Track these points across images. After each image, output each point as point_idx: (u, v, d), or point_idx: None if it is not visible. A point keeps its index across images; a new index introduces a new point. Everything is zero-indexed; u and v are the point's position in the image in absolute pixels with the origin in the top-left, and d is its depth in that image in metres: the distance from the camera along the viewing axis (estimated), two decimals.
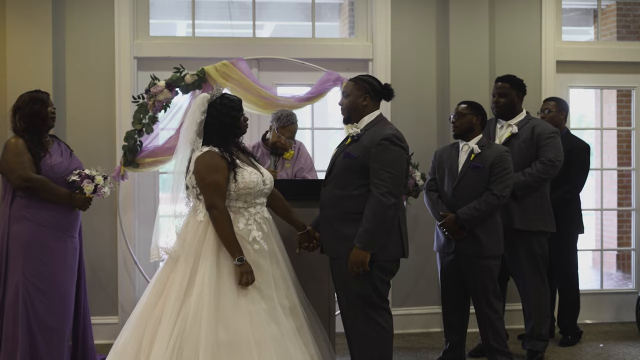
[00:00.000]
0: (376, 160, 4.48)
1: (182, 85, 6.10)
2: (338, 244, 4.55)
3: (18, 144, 5.15)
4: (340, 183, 4.57)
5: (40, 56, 6.33)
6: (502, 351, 5.38)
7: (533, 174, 5.63)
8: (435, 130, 6.91)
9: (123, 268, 6.56)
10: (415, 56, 6.92)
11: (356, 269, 4.42)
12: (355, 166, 4.53)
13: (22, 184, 5.07)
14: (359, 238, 4.41)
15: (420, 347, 6.40)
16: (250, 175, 4.41)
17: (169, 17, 7.54)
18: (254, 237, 4.39)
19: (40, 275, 5.10)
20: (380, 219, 4.42)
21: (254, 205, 4.48)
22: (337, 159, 4.63)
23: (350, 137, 4.62)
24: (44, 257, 5.12)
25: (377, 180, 4.45)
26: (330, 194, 4.61)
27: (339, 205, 4.55)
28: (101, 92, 6.54)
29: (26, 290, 5.07)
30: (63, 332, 5.23)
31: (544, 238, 5.77)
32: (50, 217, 5.16)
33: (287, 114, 5.93)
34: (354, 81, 4.73)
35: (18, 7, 6.30)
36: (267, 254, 4.42)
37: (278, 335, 4.23)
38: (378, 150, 4.48)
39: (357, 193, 4.52)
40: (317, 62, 6.51)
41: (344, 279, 4.56)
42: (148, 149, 6.15)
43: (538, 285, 5.75)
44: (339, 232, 4.55)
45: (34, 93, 5.30)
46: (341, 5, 7.36)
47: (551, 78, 7.06)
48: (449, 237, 5.38)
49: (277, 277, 4.44)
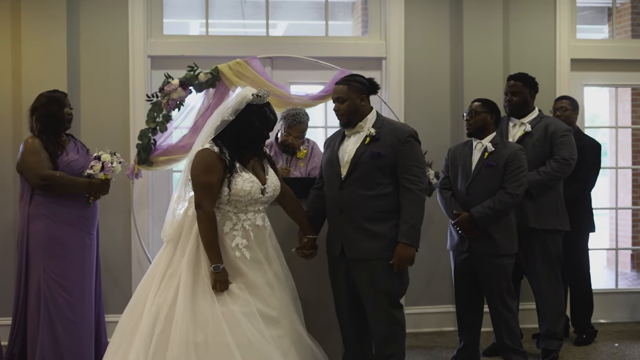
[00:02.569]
0: (407, 157, 4.55)
1: (195, 83, 6.10)
2: (372, 244, 4.54)
3: (34, 143, 5.19)
4: (367, 183, 4.55)
5: (55, 56, 6.36)
6: (517, 350, 5.37)
7: (548, 173, 5.61)
8: (449, 128, 6.89)
9: (137, 266, 6.57)
10: (429, 54, 6.91)
11: (404, 265, 4.50)
12: (383, 165, 4.54)
13: (40, 182, 5.11)
14: (406, 235, 4.47)
15: (434, 346, 6.39)
16: (243, 183, 4.32)
17: (182, 16, 7.55)
18: (237, 243, 4.35)
19: (61, 271, 5.14)
20: (421, 214, 4.54)
21: (244, 212, 4.41)
22: (359, 159, 4.57)
23: (370, 136, 4.59)
24: (63, 254, 5.16)
25: (412, 177, 4.53)
26: (353, 194, 4.56)
27: (366, 205, 4.55)
28: (115, 90, 6.56)
29: (47, 287, 5.11)
30: (84, 327, 5.26)
31: (558, 236, 5.75)
32: (68, 214, 5.19)
33: (294, 113, 5.90)
34: (346, 84, 4.68)
35: (33, 8, 6.32)
36: (248, 262, 4.35)
37: (251, 340, 4.14)
38: (406, 147, 4.55)
39: (385, 192, 4.56)
40: (331, 61, 6.50)
41: (376, 279, 4.56)
42: (162, 147, 6.16)
43: (553, 284, 5.73)
44: (371, 232, 4.54)
45: (52, 93, 5.34)
46: (354, 3, 7.35)
47: (565, 76, 7.03)
48: (462, 236, 5.36)
49: (259, 284, 4.34)
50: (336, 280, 4.77)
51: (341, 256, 4.64)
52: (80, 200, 5.28)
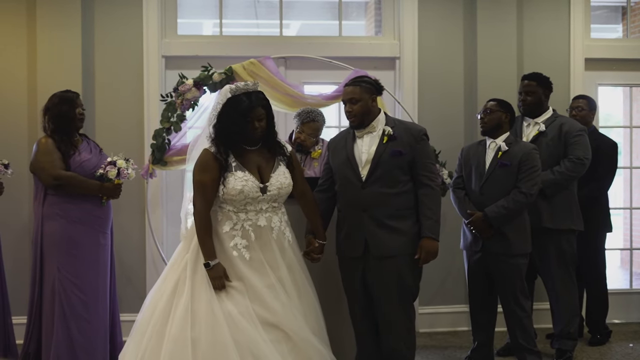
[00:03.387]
0: (423, 155, 4.68)
1: (210, 83, 6.12)
2: (397, 240, 4.61)
3: (47, 143, 5.21)
4: (388, 181, 4.62)
5: (70, 56, 6.39)
6: (531, 350, 5.36)
7: (562, 172, 5.60)
8: (463, 128, 6.89)
9: (151, 266, 6.60)
10: (443, 54, 6.91)
11: (430, 259, 4.61)
12: (403, 163, 4.63)
13: (52, 182, 5.13)
14: (431, 230, 4.59)
15: (448, 346, 6.38)
16: (235, 182, 4.33)
17: (196, 16, 7.57)
18: (235, 243, 4.36)
19: (75, 270, 5.17)
20: (439, 210, 4.69)
21: (244, 212, 4.41)
22: (380, 159, 4.61)
23: (388, 135, 4.64)
24: (77, 253, 5.18)
25: (429, 174, 4.68)
26: (375, 193, 4.62)
27: (388, 203, 4.62)
28: (130, 90, 6.59)
29: (61, 286, 5.13)
30: (98, 326, 5.28)
31: (572, 236, 5.74)
32: (82, 213, 5.22)
33: (308, 111, 5.90)
34: (358, 85, 4.71)
35: (48, 9, 6.36)
36: (248, 263, 4.34)
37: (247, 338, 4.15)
38: (422, 145, 4.68)
39: (404, 189, 4.65)
40: (344, 61, 6.50)
41: (402, 275, 4.64)
42: (176, 147, 6.18)
43: (567, 284, 5.72)
44: (395, 229, 4.61)
45: (64, 93, 5.36)
46: (367, 3, 7.35)
47: (580, 76, 7.02)
48: (476, 236, 5.36)
49: (258, 286, 4.30)
50: (352, 281, 4.77)
51: (361, 256, 4.66)
52: (94, 199, 5.30)
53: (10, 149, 6.22)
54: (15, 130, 6.40)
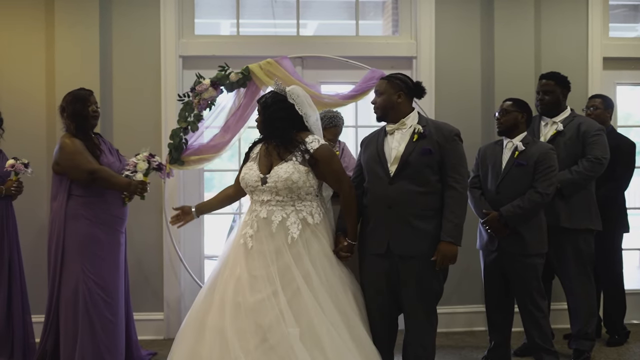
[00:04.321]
0: (454, 156, 4.66)
1: (227, 83, 6.14)
2: (421, 241, 4.61)
3: (76, 142, 5.24)
4: (418, 180, 4.62)
5: (88, 56, 6.43)
6: (548, 350, 5.35)
7: (580, 172, 5.58)
8: (480, 128, 6.87)
9: (169, 265, 6.62)
10: (460, 54, 6.89)
11: (447, 263, 4.58)
12: (432, 162, 4.62)
13: (88, 177, 5.18)
14: (450, 233, 4.56)
15: (465, 346, 6.38)
16: (243, 172, 4.75)
17: (213, 16, 7.58)
18: (245, 232, 4.60)
19: (99, 271, 5.22)
20: (464, 214, 4.65)
21: (253, 202, 4.67)
22: (410, 156, 4.62)
23: (418, 133, 4.65)
24: (100, 253, 5.23)
25: (458, 176, 4.64)
26: (403, 190, 4.61)
27: (415, 202, 4.61)
28: (147, 90, 6.62)
29: (86, 287, 5.16)
30: (119, 325, 5.33)
31: (590, 236, 5.72)
32: (104, 214, 5.27)
33: (331, 116, 5.91)
34: (387, 79, 4.80)
35: (66, 9, 6.40)
36: (247, 251, 4.53)
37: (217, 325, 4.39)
38: (452, 146, 4.67)
39: (433, 190, 4.64)
40: (361, 60, 6.50)
41: (423, 277, 4.64)
42: (193, 146, 6.19)
43: (584, 284, 5.70)
44: (420, 230, 4.61)
45: (77, 91, 5.39)
46: (384, 3, 7.34)
47: (598, 75, 6.99)
48: (492, 235, 5.35)
49: (257, 275, 4.44)
50: (374, 279, 4.75)
51: (385, 254, 4.66)
52: (117, 201, 5.34)
53: (29, 149, 6.27)
54: (34, 130, 6.44)
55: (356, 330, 4.49)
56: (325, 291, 4.46)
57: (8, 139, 5.89)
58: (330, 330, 4.33)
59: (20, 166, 5.48)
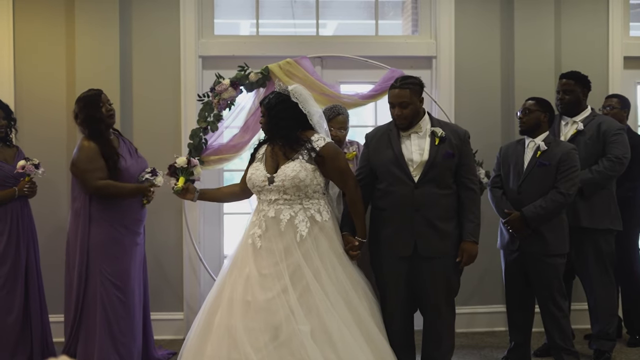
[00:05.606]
0: (468, 157, 4.80)
1: (246, 83, 6.15)
2: (445, 242, 4.71)
3: (91, 147, 5.25)
4: (441, 182, 4.70)
5: (108, 56, 6.44)
6: (569, 350, 5.33)
7: (601, 171, 5.56)
8: (500, 127, 6.84)
9: (188, 265, 6.64)
10: (480, 53, 6.87)
11: (470, 262, 4.74)
12: (452, 165, 4.71)
13: (91, 192, 5.23)
14: (474, 233, 4.72)
15: (485, 346, 6.36)
16: (249, 172, 4.79)
17: (233, 16, 7.59)
18: (253, 232, 4.63)
19: (116, 272, 5.25)
20: (480, 213, 4.81)
21: (260, 202, 4.71)
22: (434, 160, 4.65)
23: (440, 137, 4.70)
24: (118, 255, 5.27)
25: (473, 177, 4.81)
26: (429, 193, 4.67)
27: (439, 204, 4.69)
28: (167, 90, 6.63)
29: (104, 288, 5.21)
30: (135, 324, 5.36)
31: (611, 236, 5.70)
32: (124, 216, 5.31)
33: (330, 107, 5.88)
34: (407, 88, 4.73)
35: (87, 10, 6.42)
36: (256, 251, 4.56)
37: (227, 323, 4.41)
38: (467, 147, 4.80)
39: (451, 191, 4.75)
40: (380, 60, 6.50)
41: (447, 276, 4.75)
42: (213, 146, 6.20)
43: (605, 284, 5.68)
44: (443, 231, 4.70)
45: (87, 95, 5.38)
46: (404, 2, 7.33)
47: (618, 74, 6.95)
48: (513, 235, 5.33)
49: (266, 274, 4.47)
50: (395, 280, 4.78)
51: (409, 256, 4.69)
52: (137, 203, 5.38)
53: (49, 149, 6.31)
54: (54, 131, 6.46)
55: (367, 327, 4.52)
56: (335, 288, 4.50)
57: (28, 140, 5.92)
58: (341, 327, 4.36)
59: (30, 167, 5.46)
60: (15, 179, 5.52)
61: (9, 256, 5.43)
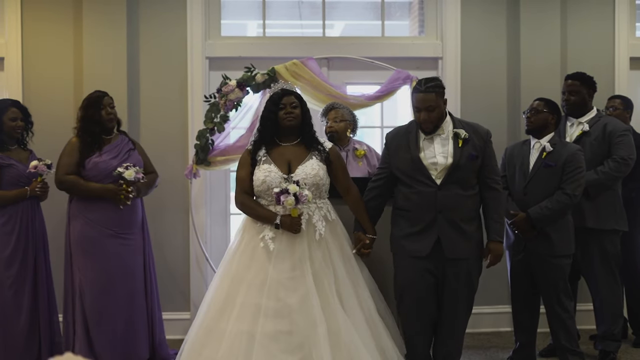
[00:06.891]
0: (491, 157, 4.78)
1: (252, 84, 6.17)
2: (469, 244, 4.71)
3: (71, 144, 5.44)
4: (463, 184, 4.68)
5: (116, 58, 6.47)
6: (574, 351, 5.34)
7: (606, 172, 5.56)
8: (506, 129, 6.85)
9: (195, 265, 6.66)
10: (486, 54, 6.87)
11: (497, 262, 4.77)
12: (476, 166, 4.69)
13: (57, 184, 5.40)
14: (500, 233, 4.75)
15: (490, 347, 6.37)
16: (259, 174, 4.63)
17: (239, 17, 7.61)
18: (264, 235, 4.56)
19: (91, 270, 5.31)
20: (504, 213, 4.84)
21: (272, 204, 4.59)
22: (459, 162, 4.62)
23: (464, 139, 4.67)
24: (95, 252, 5.32)
25: (496, 177, 4.80)
26: (452, 195, 4.64)
27: (462, 205, 4.68)
28: (174, 91, 6.66)
29: (80, 285, 5.31)
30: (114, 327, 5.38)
31: (616, 237, 5.70)
32: (100, 215, 5.37)
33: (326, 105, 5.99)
34: (433, 91, 4.65)
35: (94, 12, 6.45)
36: (270, 254, 4.50)
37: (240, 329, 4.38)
38: (490, 147, 4.78)
39: (474, 192, 4.74)
40: (387, 61, 6.51)
41: (471, 277, 4.78)
42: (220, 147, 6.23)
43: (611, 285, 5.68)
44: (467, 232, 4.69)
45: (91, 95, 5.49)
46: (411, 4, 7.34)
47: (624, 75, 6.95)
48: (519, 236, 5.34)
49: (275, 278, 4.44)
50: (415, 281, 4.73)
51: (427, 256, 4.67)
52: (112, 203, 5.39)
53: (57, 149, 6.31)
54: (62, 131, 6.46)
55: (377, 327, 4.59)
56: (350, 288, 4.56)
57: (37, 140, 5.93)
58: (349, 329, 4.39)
59: (42, 167, 5.50)
60: (28, 179, 5.56)
61: (18, 257, 5.46)
